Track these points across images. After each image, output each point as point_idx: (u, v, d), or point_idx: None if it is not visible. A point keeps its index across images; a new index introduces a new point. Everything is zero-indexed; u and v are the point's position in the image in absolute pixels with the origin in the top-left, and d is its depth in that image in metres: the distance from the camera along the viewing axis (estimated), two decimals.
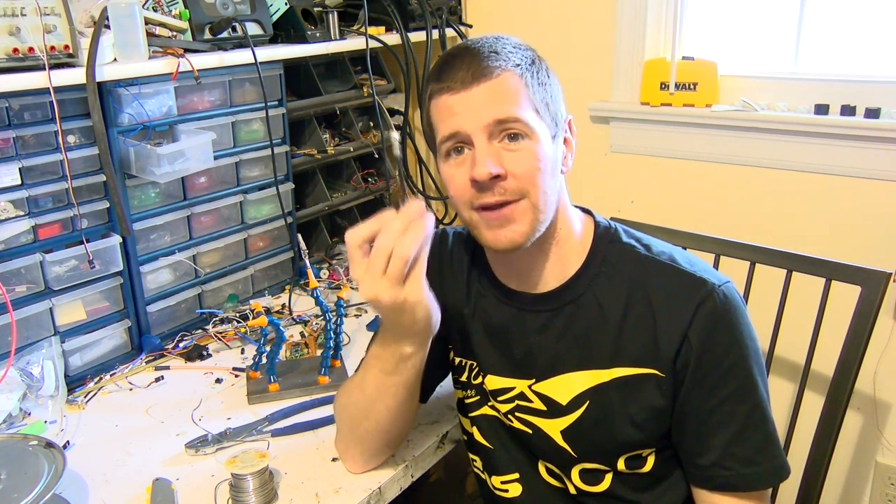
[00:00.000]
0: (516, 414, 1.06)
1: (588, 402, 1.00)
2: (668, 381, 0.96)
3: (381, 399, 1.03)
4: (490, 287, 1.08)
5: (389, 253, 0.86)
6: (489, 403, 1.10)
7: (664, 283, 0.97)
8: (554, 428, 1.03)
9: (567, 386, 1.01)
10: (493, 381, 1.08)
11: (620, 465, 1.01)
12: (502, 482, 1.12)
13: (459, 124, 0.93)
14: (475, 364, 1.11)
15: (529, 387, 1.04)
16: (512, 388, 1.06)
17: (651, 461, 1.01)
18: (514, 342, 1.06)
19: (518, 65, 0.95)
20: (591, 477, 1.04)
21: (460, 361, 1.13)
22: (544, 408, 1.03)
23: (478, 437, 1.14)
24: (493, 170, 0.91)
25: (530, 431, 1.05)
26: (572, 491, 1.06)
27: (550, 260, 1.01)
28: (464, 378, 1.13)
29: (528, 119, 0.93)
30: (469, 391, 1.13)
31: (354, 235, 0.89)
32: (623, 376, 0.98)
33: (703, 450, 0.97)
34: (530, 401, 1.05)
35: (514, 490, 1.11)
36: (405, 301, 0.89)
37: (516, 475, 1.11)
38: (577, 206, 1.06)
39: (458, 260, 1.13)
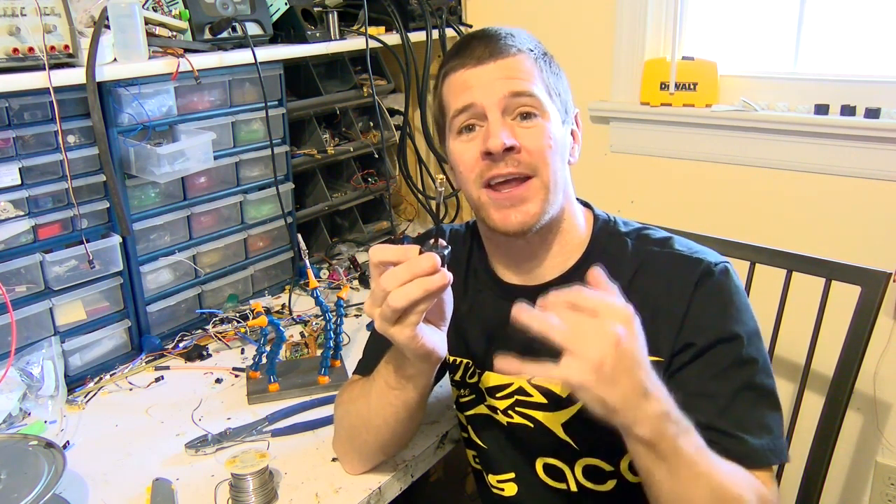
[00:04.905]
0: (516, 409, 1.06)
1: None
2: (666, 365, 0.95)
3: (382, 414, 1.02)
4: (487, 282, 1.09)
5: (387, 294, 0.85)
6: (485, 402, 1.10)
7: (662, 269, 0.98)
8: (555, 421, 1.03)
9: None
10: (490, 378, 1.08)
11: (624, 466, 1.01)
12: (498, 481, 1.13)
13: (474, 97, 0.95)
14: (470, 363, 1.11)
15: (529, 380, 1.04)
16: (510, 384, 1.06)
17: None
18: (511, 338, 1.05)
19: (532, 50, 0.99)
20: (595, 475, 1.03)
21: (454, 360, 1.13)
22: (545, 401, 1.03)
23: (472, 435, 1.14)
24: (508, 141, 0.93)
25: (532, 426, 1.05)
26: (573, 488, 1.05)
27: (553, 251, 1.02)
28: (458, 377, 1.13)
29: (541, 97, 0.96)
30: (463, 390, 1.13)
31: (375, 255, 0.87)
32: None
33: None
34: (530, 395, 1.05)
35: (510, 489, 1.11)
36: (393, 336, 0.88)
37: (511, 475, 1.11)
38: (577, 199, 1.08)
39: (455, 258, 1.13)
